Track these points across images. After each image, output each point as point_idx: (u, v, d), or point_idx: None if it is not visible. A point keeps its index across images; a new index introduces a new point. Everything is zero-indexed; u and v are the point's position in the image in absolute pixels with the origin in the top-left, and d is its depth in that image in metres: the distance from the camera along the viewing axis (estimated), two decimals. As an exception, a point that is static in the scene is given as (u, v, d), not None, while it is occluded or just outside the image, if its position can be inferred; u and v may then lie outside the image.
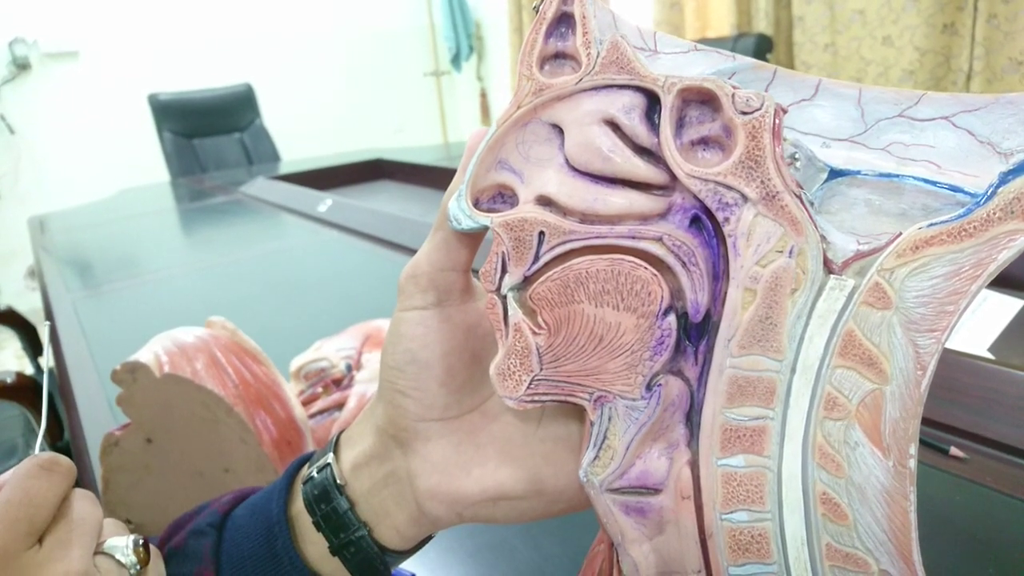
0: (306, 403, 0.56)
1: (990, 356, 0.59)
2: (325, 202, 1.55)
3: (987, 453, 0.48)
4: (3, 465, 1.14)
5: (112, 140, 3.28)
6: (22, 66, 3.05)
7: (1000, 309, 0.67)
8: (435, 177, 1.96)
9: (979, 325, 0.65)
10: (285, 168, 2.31)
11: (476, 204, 0.24)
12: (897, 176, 0.22)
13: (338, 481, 0.27)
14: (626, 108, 0.22)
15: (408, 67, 4.15)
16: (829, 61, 2.45)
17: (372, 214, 1.38)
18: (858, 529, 0.21)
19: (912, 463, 0.20)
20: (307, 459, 0.29)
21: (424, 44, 4.16)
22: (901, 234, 0.21)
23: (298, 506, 0.27)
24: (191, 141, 2.73)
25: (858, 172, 0.22)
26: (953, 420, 0.50)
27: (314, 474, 0.27)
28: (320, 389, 0.58)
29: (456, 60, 4.03)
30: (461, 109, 4.41)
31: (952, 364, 0.52)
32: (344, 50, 3.91)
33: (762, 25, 2.58)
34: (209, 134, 2.76)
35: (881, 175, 0.22)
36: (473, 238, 0.25)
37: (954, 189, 0.21)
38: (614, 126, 0.22)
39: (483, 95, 4.21)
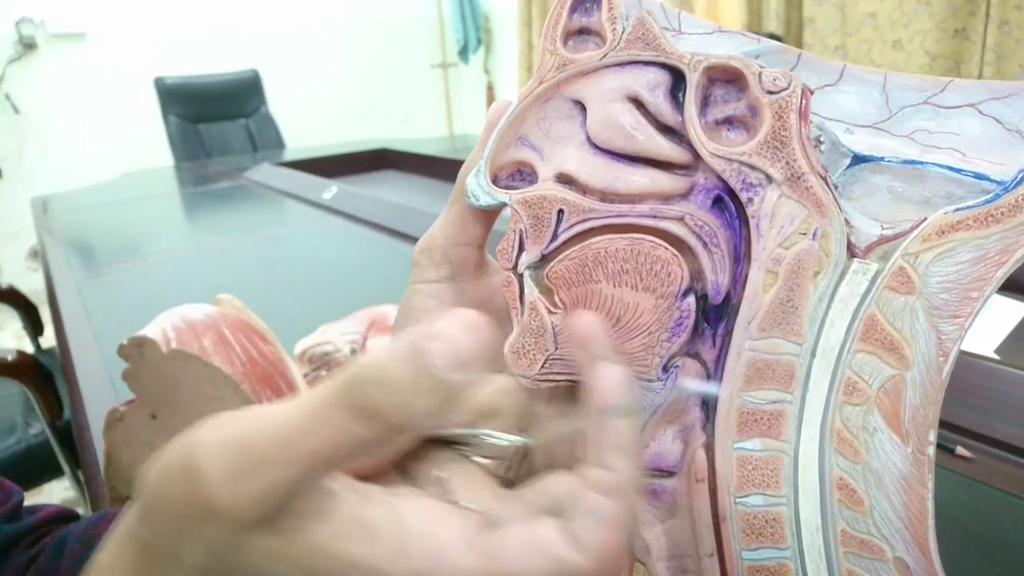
0: (310, 386, 0.56)
1: (996, 357, 0.58)
2: (330, 190, 1.55)
3: (993, 453, 0.47)
4: (1, 443, 1.15)
5: (117, 123, 3.27)
6: (29, 46, 3.04)
7: (1007, 312, 0.67)
8: (440, 168, 1.96)
9: (986, 327, 0.65)
10: (290, 155, 2.31)
11: (495, 180, 0.24)
12: (921, 163, 0.22)
13: None
14: (650, 85, 0.22)
15: (416, 58, 4.14)
16: (838, 63, 2.44)
17: (377, 203, 1.38)
18: (874, 515, 0.20)
19: (931, 450, 0.20)
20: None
21: (432, 35, 4.15)
22: (926, 219, 0.20)
23: None
24: (196, 126, 2.73)
25: (881, 158, 0.22)
26: (960, 420, 0.50)
27: None
28: (324, 373, 0.58)
29: (464, 52, 4.02)
30: (467, 102, 4.40)
31: (959, 364, 0.52)
32: (352, 39, 3.90)
33: (772, 25, 2.57)
34: (214, 119, 2.76)
35: (905, 162, 0.22)
36: (489, 214, 0.25)
37: (979, 177, 0.21)
38: (638, 103, 0.22)
39: (490, 88, 4.20)
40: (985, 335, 0.63)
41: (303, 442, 0.16)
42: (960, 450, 0.47)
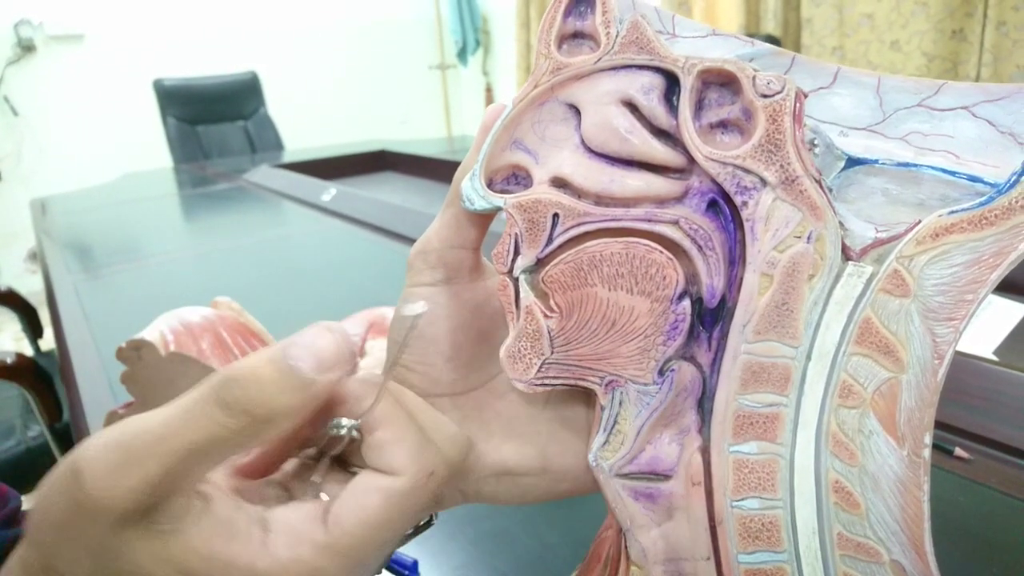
0: (308, 388, 0.56)
1: (995, 359, 0.58)
2: (329, 191, 1.55)
3: (991, 454, 0.47)
4: (0, 446, 1.14)
5: (116, 125, 3.27)
6: (27, 48, 3.04)
7: (1005, 313, 0.67)
8: (439, 169, 1.96)
9: (984, 329, 0.65)
10: (289, 157, 2.31)
11: (490, 184, 0.24)
12: (915, 166, 0.22)
13: None
14: (645, 89, 0.22)
15: (414, 59, 4.15)
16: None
17: (376, 204, 1.38)
18: (870, 518, 0.20)
19: (927, 453, 0.20)
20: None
21: (430, 37, 4.15)
22: (921, 221, 0.20)
23: None
24: (195, 128, 2.72)
25: (876, 161, 0.22)
26: (958, 421, 0.50)
27: None
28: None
29: (462, 54, 4.02)
30: (466, 103, 4.40)
31: (957, 365, 0.52)
32: (350, 41, 3.90)
33: (770, 27, 2.57)
34: (213, 121, 2.76)
35: (899, 164, 0.22)
36: (484, 217, 0.25)
37: (973, 179, 0.21)
38: (632, 107, 0.22)
39: (488, 90, 4.20)
40: (983, 336, 0.63)
41: (177, 436, 0.17)
42: (958, 451, 0.47)
